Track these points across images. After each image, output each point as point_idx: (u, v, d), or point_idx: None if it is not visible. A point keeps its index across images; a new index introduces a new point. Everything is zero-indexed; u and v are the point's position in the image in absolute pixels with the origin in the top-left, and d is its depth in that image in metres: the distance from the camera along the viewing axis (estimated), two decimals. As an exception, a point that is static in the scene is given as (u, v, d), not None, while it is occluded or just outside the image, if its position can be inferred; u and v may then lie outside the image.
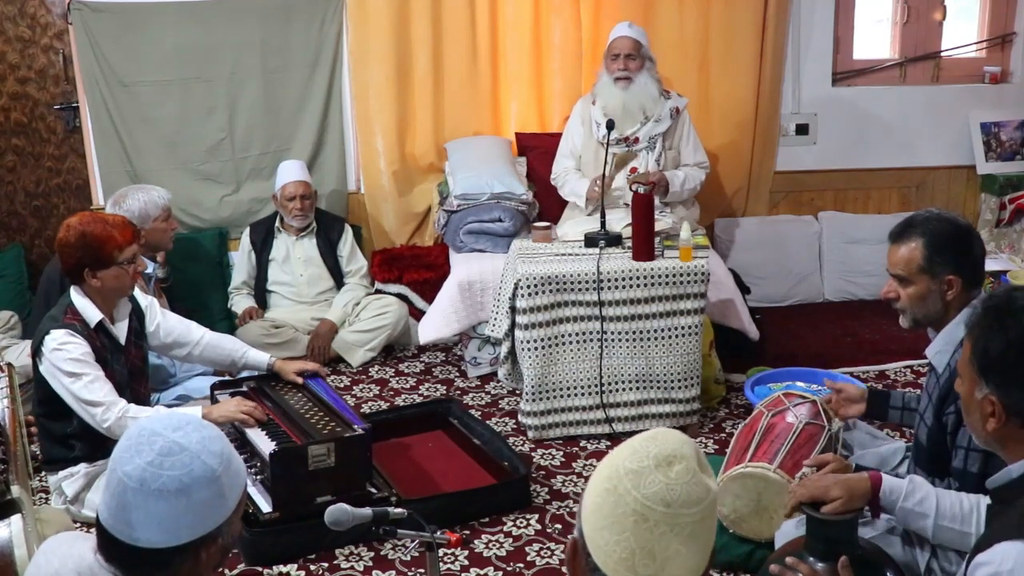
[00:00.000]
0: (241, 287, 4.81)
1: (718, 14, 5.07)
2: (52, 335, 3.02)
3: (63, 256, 3.08)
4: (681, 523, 1.26)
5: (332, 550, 3.11)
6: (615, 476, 1.29)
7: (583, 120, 4.50)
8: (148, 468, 1.48)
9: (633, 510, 1.26)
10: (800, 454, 2.73)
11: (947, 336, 2.43)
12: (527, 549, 3.13)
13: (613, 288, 3.74)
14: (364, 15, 4.91)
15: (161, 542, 1.50)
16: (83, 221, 3.07)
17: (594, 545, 1.30)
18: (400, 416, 3.93)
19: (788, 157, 5.41)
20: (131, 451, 1.50)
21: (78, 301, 3.11)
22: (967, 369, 1.79)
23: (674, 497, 1.26)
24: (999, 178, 5.35)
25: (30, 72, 4.97)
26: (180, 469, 1.49)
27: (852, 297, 5.37)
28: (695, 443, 1.33)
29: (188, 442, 1.51)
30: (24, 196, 5.12)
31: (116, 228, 3.07)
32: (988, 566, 1.58)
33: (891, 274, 2.50)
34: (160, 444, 1.50)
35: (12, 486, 2.32)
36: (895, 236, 2.50)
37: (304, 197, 4.69)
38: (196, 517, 1.50)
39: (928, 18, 5.39)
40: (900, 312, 2.52)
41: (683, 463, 1.28)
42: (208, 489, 1.50)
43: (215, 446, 1.54)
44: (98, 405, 2.99)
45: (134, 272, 3.13)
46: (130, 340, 3.24)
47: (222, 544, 1.56)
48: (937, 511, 2.11)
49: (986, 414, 1.75)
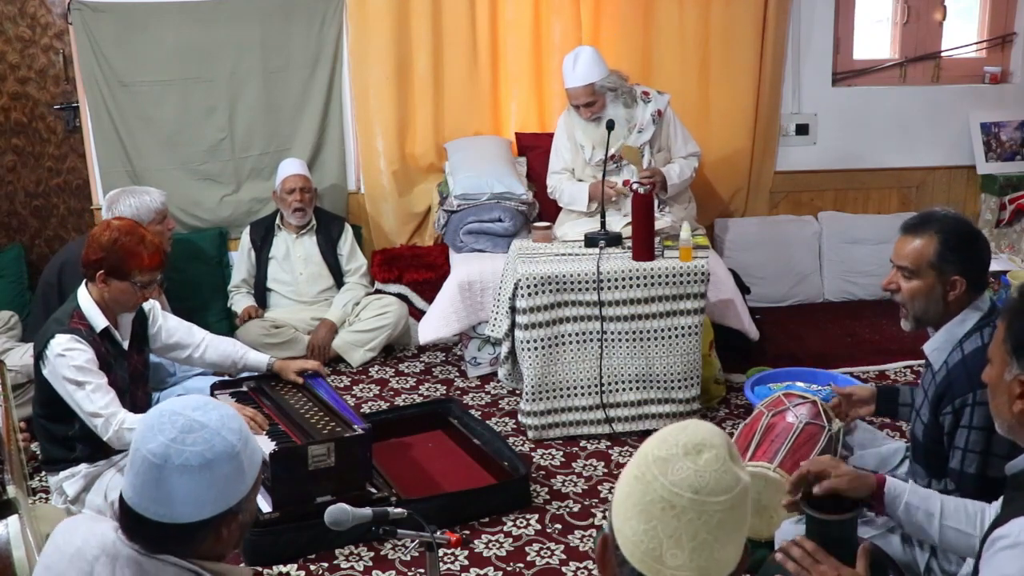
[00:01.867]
0: (241, 286, 4.81)
1: (718, 14, 5.07)
2: (57, 339, 3.00)
3: (89, 248, 3.06)
4: (709, 511, 1.24)
5: (332, 550, 3.11)
6: (643, 464, 1.28)
7: (569, 136, 4.43)
8: (171, 445, 1.54)
9: (661, 497, 1.25)
10: (800, 454, 2.73)
11: (947, 334, 2.42)
12: (527, 549, 3.13)
13: (613, 288, 3.74)
14: (364, 15, 4.91)
15: (186, 516, 1.55)
16: (123, 229, 3.06)
17: (622, 536, 1.28)
18: (400, 416, 3.93)
19: (788, 157, 5.41)
20: (153, 430, 1.56)
21: (86, 306, 3.08)
22: (998, 351, 1.76)
23: (702, 484, 1.24)
24: (999, 178, 5.35)
25: (30, 72, 4.97)
26: (202, 445, 1.55)
27: (852, 297, 5.37)
28: (726, 434, 1.32)
29: (208, 419, 1.57)
30: (24, 196, 5.12)
31: (147, 250, 3.06)
32: (1006, 539, 1.58)
33: (897, 265, 2.46)
34: (181, 422, 1.56)
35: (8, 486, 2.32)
36: (910, 228, 2.45)
37: (304, 190, 4.70)
38: (219, 491, 1.56)
39: (928, 18, 5.40)
40: (902, 311, 2.50)
41: (712, 451, 1.27)
42: (229, 464, 1.56)
43: (234, 423, 1.60)
44: (98, 417, 2.98)
45: (142, 296, 3.12)
46: (133, 345, 3.24)
47: (241, 521, 1.62)
48: (943, 512, 2.09)
49: (1014, 395, 1.72)
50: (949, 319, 2.41)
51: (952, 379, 2.31)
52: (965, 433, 2.25)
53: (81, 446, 3.14)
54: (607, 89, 4.22)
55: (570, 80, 4.21)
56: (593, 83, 4.18)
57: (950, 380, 2.32)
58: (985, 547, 1.63)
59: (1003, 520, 1.63)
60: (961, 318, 2.39)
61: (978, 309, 2.38)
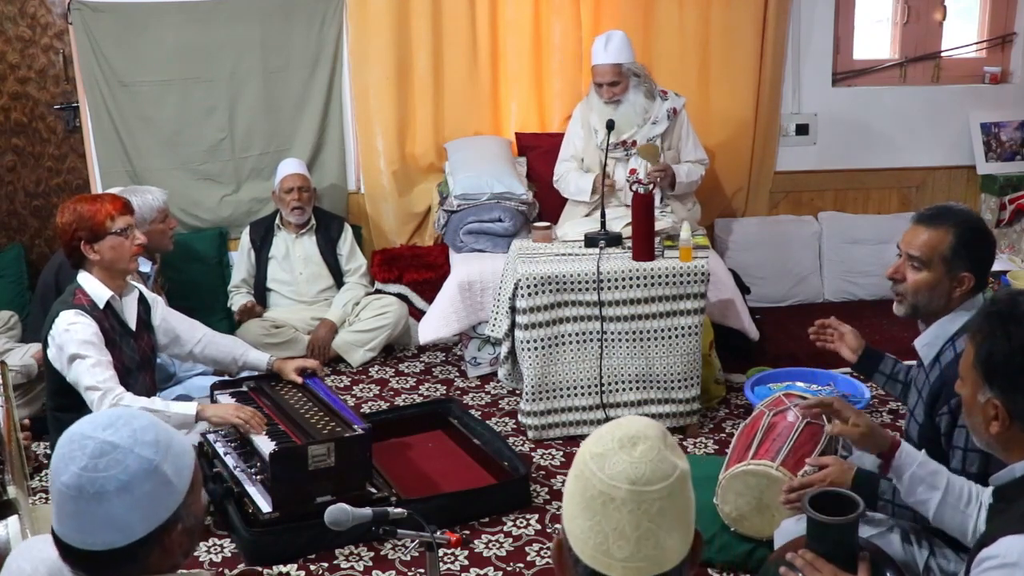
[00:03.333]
0: (240, 285, 4.81)
1: (718, 14, 5.07)
2: (62, 316, 3.07)
3: (62, 237, 3.15)
4: (648, 500, 1.25)
5: (332, 550, 3.10)
6: (581, 462, 1.31)
7: (583, 124, 4.48)
8: (83, 474, 1.45)
9: (600, 491, 1.26)
10: (802, 452, 2.73)
11: (938, 329, 2.42)
12: (527, 549, 3.13)
13: (613, 288, 3.74)
14: (364, 15, 4.91)
15: (117, 542, 1.47)
16: (74, 200, 3.20)
17: (572, 536, 1.30)
18: (400, 416, 3.93)
19: (788, 157, 5.41)
20: (65, 459, 1.47)
21: (85, 282, 3.15)
22: (970, 373, 1.79)
23: (639, 475, 1.26)
24: (999, 178, 5.35)
25: (30, 72, 4.97)
26: (116, 468, 1.45)
27: (852, 297, 5.37)
28: (663, 426, 1.33)
29: (119, 438, 1.47)
30: (24, 196, 5.11)
31: (106, 200, 3.18)
32: (995, 559, 1.58)
33: (907, 253, 2.42)
34: (91, 447, 1.46)
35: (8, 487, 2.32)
36: (926, 218, 2.41)
37: (302, 189, 4.70)
38: (145, 510, 1.47)
39: (928, 18, 5.40)
40: (898, 297, 2.47)
41: (647, 443, 1.28)
42: (150, 481, 1.47)
43: (147, 436, 1.49)
44: (95, 390, 3.01)
45: (132, 242, 3.18)
46: (140, 327, 3.27)
47: (184, 528, 1.53)
48: (947, 488, 2.11)
49: (989, 417, 1.75)
50: (946, 314, 2.41)
51: (946, 378, 2.30)
52: (964, 432, 2.24)
53: None
54: (633, 73, 4.31)
55: (600, 57, 4.28)
56: (621, 64, 4.27)
57: (944, 380, 2.32)
58: (973, 565, 1.64)
59: (990, 537, 1.63)
60: (953, 316, 2.39)
61: (969, 308, 2.38)
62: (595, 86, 4.35)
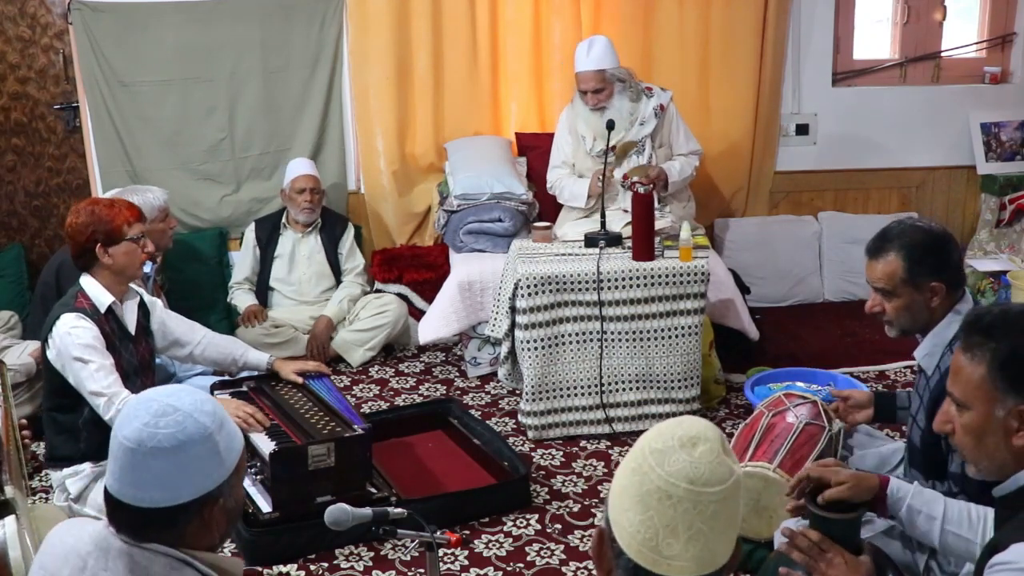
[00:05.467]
0: (243, 283, 4.81)
1: (718, 14, 5.07)
2: (63, 319, 3.06)
3: (75, 237, 3.12)
4: (704, 501, 1.27)
5: (332, 550, 3.10)
6: (640, 456, 1.32)
7: (570, 130, 4.43)
8: (144, 429, 1.56)
9: (657, 487, 1.28)
10: (800, 454, 2.73)
11: (935, 338, 2.43)
12: (527, 549, 3.13)
13: (613, 288, 3.74)
14: (364, 15, 4.91)
15: (163, 500, 1.57)
16: (90, 202, 3.21)
17: (619, 528, 1.31)
18: (400, 416, 3.93)
19: (788, 157, 5.41)
20: (129, 417, 1.59)
21: (88, 285, 3.15)
22: (978, 393, 1.73)
23: (698, 475, 1.27)
24: (999, 178, 5.34)
25: (30, 72, 4.97)
26: (174, 427, 1.57)
27: (852, 297, 5.36)
28: (719, 429, 1.35)
29: (181, 403, 1.60)
30: (24, 196, 5.11)
31: (123, 207, 3.20)
32: (1008, 565, 1.57)
33: (874, 288, 2.47)
34: (155, 407, 1.58)
35: (6, 487, 2.32)
36: (872, 251, 2.47)
37: (314, 191, 4.71)
38: (194, 474, 1.58)
39: (928, 18, 5.39)
40: (886, 324, 2.51)
41: (707, 444, 1.30)
42: (203, 446, 1.58)
43: (207, 406, 1.62)
44: (101, 396, 3.02)
45: (143, 250, 3.19)
46: (139, 332, 3.28)
47: (224, 506, 1.63)
48: (945, 516, 2.07)
49: (1012, 430, 1.70)
50: (935, 325, 2.43)
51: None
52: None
53: (88, 436, 3.15)
54: (617, 79, 4.24)
55: (582, 64, 4.21)
56: (605, 70, 4.19)
57: (944, 384, 2.32)
58: (986, 570, 1.62)
59: (1002, 544, 1.61)
60: (947, 322, 2.41)
61: (959, 310, 2.40)
62: (579, 93, 4.30)
